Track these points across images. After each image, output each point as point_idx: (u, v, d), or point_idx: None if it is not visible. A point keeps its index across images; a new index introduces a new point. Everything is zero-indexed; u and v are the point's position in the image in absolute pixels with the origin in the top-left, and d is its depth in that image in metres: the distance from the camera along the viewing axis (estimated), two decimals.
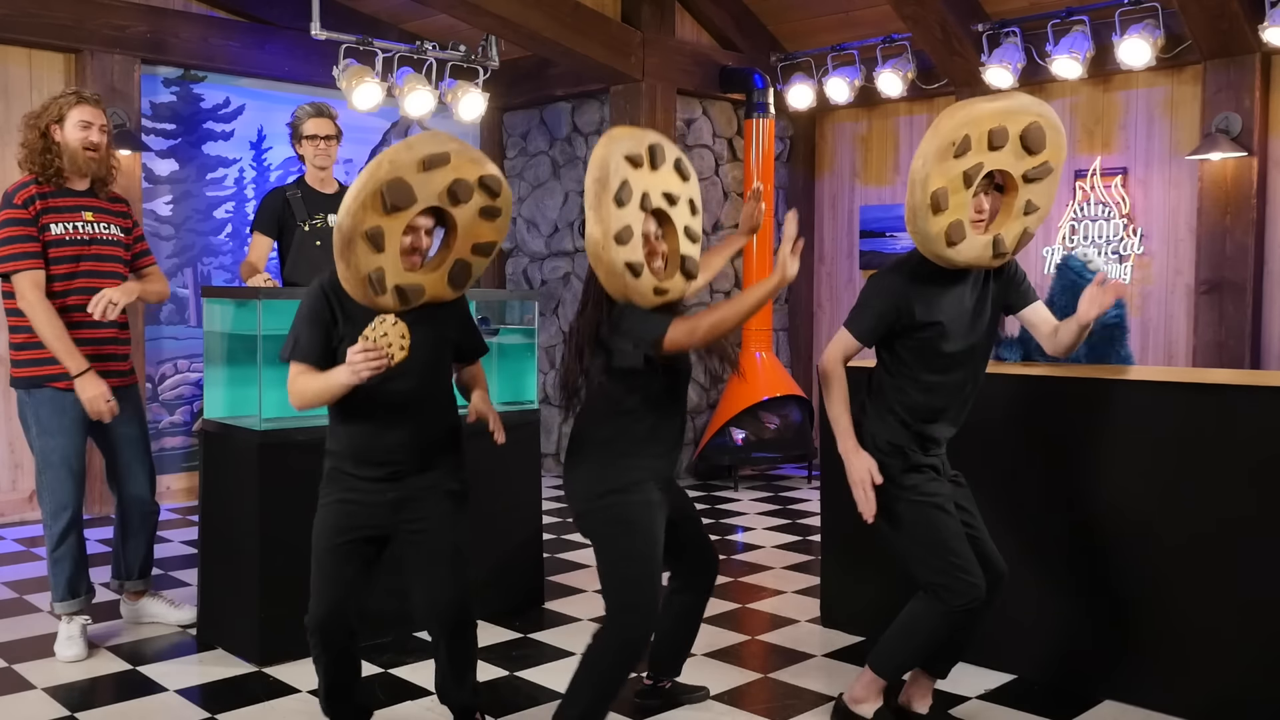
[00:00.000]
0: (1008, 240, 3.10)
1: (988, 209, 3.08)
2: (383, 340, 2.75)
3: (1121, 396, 3.54)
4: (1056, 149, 3.08)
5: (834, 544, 4.36)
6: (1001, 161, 3.04)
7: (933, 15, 6.69)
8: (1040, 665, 3.73)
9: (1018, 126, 3.02)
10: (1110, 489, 3.56)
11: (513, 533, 4.55)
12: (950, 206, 3.01)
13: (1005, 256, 3.12)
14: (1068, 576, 3.66)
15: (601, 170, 2.89)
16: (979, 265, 3.10)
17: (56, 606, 4.03)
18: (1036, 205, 3.12)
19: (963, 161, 3.00)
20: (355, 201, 2.75)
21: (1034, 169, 3.07)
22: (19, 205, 3.83)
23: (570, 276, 7.91)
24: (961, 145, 2.98)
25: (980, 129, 2.99)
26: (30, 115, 3.95)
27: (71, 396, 3.89)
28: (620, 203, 2.91)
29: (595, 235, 2.90)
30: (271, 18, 6.98)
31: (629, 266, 2.93)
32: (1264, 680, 3.28)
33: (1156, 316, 6.76)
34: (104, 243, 3.99)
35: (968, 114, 3.01)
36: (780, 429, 7.36)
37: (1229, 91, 6.24)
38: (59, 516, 3.96)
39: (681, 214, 3.10)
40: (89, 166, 3.93)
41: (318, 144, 4.67)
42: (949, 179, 2.99)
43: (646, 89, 7.23)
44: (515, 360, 4.76)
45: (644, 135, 3.03)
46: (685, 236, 3.11)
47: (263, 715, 3.50)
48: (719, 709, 3.54)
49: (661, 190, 3.03)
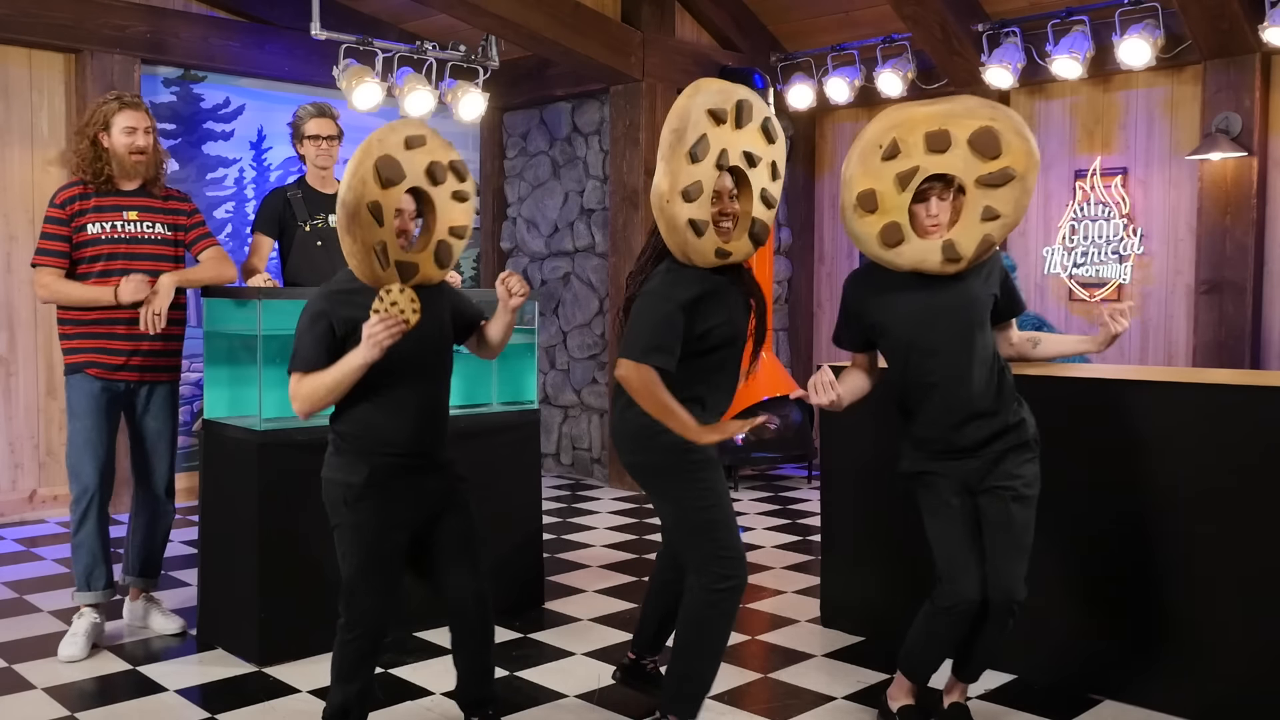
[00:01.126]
0: (963, 246, 3.02)
1: (937, 214, 3.02)
2: (394, 309, 2.85)
3: (1121, 397, 3.54)
4: (1020, 154, 2.97)
5: (834, 544, 4.37)
6: (947, 165, 2.99)
7: (933, 15, 6.69)
8: (1040, 665, 3.72)
9: (964, 130, 2.97)
10: (1109, 489, 3.56)
11: (513, 533, 4.55)
12: (884, 208, 3.01)
13: (960, 262, 3.03)
14: (1067, 576, 3.66)
15: (680, 121, 2.84)
16: (926, 269, 3.05)
17: (75, 596, 4.10)
18: (999, 211, 3.00)
19: (894, 164, 2.99)
20: (355, 176, 2.87)
21: (990, 174, 2.98)
22: (58, 205, 4.01)
23: (570, 276, 7.91)
24: (890, 148, 2.98)
25: (913, 132, 2.98)
26: (79, 125, 4.10)
27: (100, 384, 4.00)
28: (694, 158, 2.86)
29: (662, 187, 2.86)
30: (271, 18, 6.98)
31: (691, 223, 2.88)
32: (1264, 680, 3.28)
33: (1156, 316, 6.76)
34: (144, 241, 4.06)
35: (897, 117, 3.02)
36: (780, 429, 7.36)
37: (1229, 91, 6.24)
38: (80, 499, 4.03)
39: (760, 176, 3.04)
40: (137, 169, 4.05)
41: (319, 144, 4.67)
42: (879, 181, 3.00)
43: (646, 89, 7.23)
44: (515, 360, 4.76)
45: (733, 90, 2.96)
46: (760, 200, 3.05)
47: (263, 715, 3.50)
48: (719, 709, 3.54)
49: (742, 149, 2.97)
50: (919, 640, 3.24)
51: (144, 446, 4.17)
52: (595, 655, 4.04)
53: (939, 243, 3.02)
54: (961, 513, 3.13)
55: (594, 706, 3.57)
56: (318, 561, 3.93)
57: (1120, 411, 3.54)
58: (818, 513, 5.65)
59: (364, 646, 3.04)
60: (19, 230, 6.24)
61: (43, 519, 6.32)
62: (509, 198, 8.34)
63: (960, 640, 3.20)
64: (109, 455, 4.07)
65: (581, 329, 7.86)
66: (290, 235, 4.67)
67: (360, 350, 2.85)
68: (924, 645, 3.24)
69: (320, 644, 3.94)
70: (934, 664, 3.30)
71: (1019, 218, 3.05)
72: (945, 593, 3.11)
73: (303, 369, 2.92)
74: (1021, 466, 3.15)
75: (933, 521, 3.17)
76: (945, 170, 3.00)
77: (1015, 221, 3.06)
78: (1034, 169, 3.00)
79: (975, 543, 3.12)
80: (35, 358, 6.33)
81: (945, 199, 3.03)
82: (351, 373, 2.88)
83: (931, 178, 3.01)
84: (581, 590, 4.89)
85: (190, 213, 4.22)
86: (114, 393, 4.04)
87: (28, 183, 6.28)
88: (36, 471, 6.38)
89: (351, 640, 3.03)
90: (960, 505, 3.13)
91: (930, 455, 3.17)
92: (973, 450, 3.12)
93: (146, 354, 4.05)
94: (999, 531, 3.11)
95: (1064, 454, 3.61)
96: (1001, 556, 3.10)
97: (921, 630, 3.22)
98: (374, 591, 3.02)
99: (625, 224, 7.34)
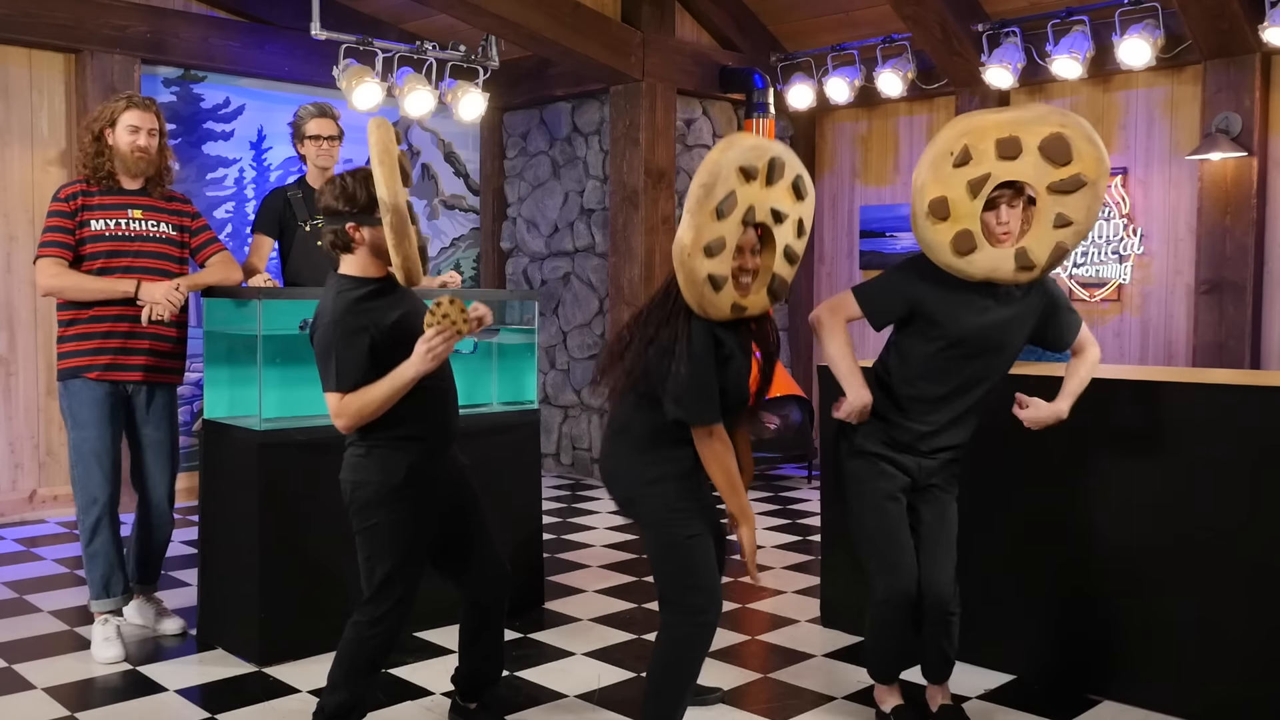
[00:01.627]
0: (1036, 254, 3.01)
1: (1008, 221, 3.01)
2: (445, 321, 2.87)
3: (1121, 397, 3.54)
4: (1091, 161, 2.96)
5: (834, 544, 4.36)
6: (1018, 172, 2.97)
7: (933, 15, 6.69)
8: (1040, 665, 3.73)
9: (1034, 137, 2.95)
10: (1109, 489, 3.56)
11: (513, 533, 4.54)
12: (955, 216, 2.98)
13: (1033, 270, 3.03)
14: (1067, 577, 3.66)
15: (711, 177, 2.81)
16: (999, 278, 3.03)
17: (92, 605, 4.04)
18: (1071, 219, 2.99)
19: (965, 171, 2.96)
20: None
21: (1061, 181, 2.96)
22: (62, 199, 3.98)
23: (570, 276, 7.91)
24: (961, 155, 2.96)
25: (984, 139, 2.96)
26: (86, 120, 4.10)
27: (103, 389, 3.95)
28: (720, 214, 2.83)
29: (684, 241, 2.83)
30: (271, 18, 6.98)
31: (710, 278, 2.85)
32: (1263, 680, 3.28)
33: (1156, 316, 6.76)
34: (150, 240, 4.04)
35: (968, 124, 2.99)
36: (780, 429, 7.36)
37: (1229, 91, 6.24)
38: (89, 510, 3.99)
39: (785, 233, 3.02)
40: (139, 167, 4.02)
41: (320, 144, 4.67)
42: (951, 188, 2.97)
43: (646, 89, 7.24)
44: (515, 360, 4.76)
45: (766, 149, 2.92)
46: (783, 256, 3.03)
47: (262, 715, 3.50)
48: (719, 709, 3.54)
49: (770, 206, 2.95)
50: (870, 638, 3.36)
51: (144, 456, 4.12)
52: (595, 655, 4.04)
53: (1011, 251, 3.01)
54: (901, 509, 3.19)
55: (594, 706, 3.57)
56: (318, 561, 3.94)
57: (1120, 412, 3.53)
58: (818, 513, 5.65)
59: (386, 644, 3.04)
60: (19, 230, 6.24)
61: (43, 519, 6.32)
62: (509, 198, 8.34)
63: (909, 639, 3.26)
64: (116, 462, 4.03)
65: (581, 329, 7.86)
66: (290, 235, 4.67)
67: (414, 362, 2.87)
68: (875, 641, 3.33)
69: (320, 644, 3.95)
70: (893, 660, 3.36)
71: (1091, 224, 3.04)
72: (880, 585, 3.17)
73: (350, 388, 2.90)
74: (956, 467, 3.26)
75: (871, 513, 3.20)
76: (1016, 177, 2.98)
77: (1087, 229, 3.04)
78: (1105, 175, 2.99)
79: (909, 539, 3.19)
80: (35, 358, 6.33)
81: (1016, 207, 3.01)
82: (404, 386, 2.89)
83: (1002, 185, 2.99)
84: (581, 590, 4.89)
85: (194, 216, 4.21)
86: (118, 396, 4.00)
87: (28, 183, 6.28)
88: (36, 471, 6.38)
89: (373, 637, 3.01)
90: (903, 504, 3.20)
91: (891, 444, 3.18)
92: (934, 451, 3.19)
93: (150, 354, 4.02)
94: (934, 530, 3.20)
95: (1063, 454, 3.61)
96: (935, 556, 3.18)
97: (868, 629, 3.33)
98: (408, 586, 3.03)
99: (625, 224, 7.34)
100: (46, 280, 3.92)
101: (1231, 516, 3.33)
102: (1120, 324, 6.84)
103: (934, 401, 3.13)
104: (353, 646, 3.03)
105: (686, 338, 2.91)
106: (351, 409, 2.90)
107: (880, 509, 3.18)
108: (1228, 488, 3.33)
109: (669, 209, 7.40)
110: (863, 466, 3.22)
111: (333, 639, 4.00)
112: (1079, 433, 3.59)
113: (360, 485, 3.00)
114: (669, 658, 3.02)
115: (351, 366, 2.90)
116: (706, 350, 2.93)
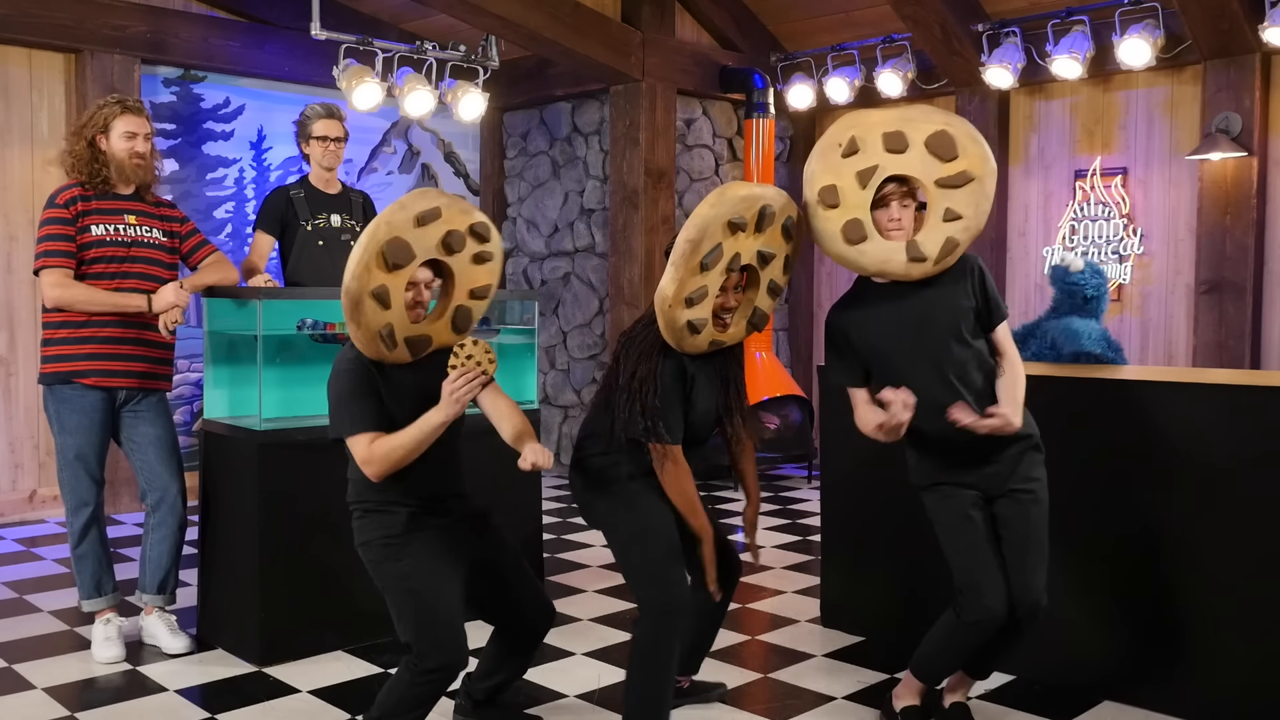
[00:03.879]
0: (926, 246, 3.03)
1: (899, 216, 3.04)
2: (470, 362, 2.86)
3: (1121, 397, 3.54)
4: (976, 158, 3.00)
5: (834, 544, 4.37)
6: (905, 166, 3.02)
7: (933, 15, 6.69)
8: (1040, 665, 3.72)
9: (920, 134, 3.01)
10: (1109, 489, 3.56)
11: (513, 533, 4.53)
12: (845, 205, 3.03)
13: (925, 262, 3.03)
14: (1067, 577, 3.65)
15: (698, 233, 2.88)
16: (891, 271, 3.06)
17: (84, 605, 4.03)
18: (959, 213, 3.01)
19: (854, 161, 3.02)
20: (359, 265, 2.82)
21: (949, 176, 3.01)
22: (61, 205, 3.90)
23: (570, 276, 7.91)
24: (849, 145, 3.02)
25: (870, 133, 3.02)
26: (76, 125, 4.02)
27: (94, 395, 3.92)
28: (705, 267, 2.91)
29: (666, 292, 2.91)
30: (271, 18, 6.98)
31: (690, 324, 2.95)
32: (1264, 680, 3.28)
33: (1156, 316, 6.76)
34: (145, 245, 4.01)
35: (855, 119, 3.07)
36: (780, 429, 7.36)
37: (1229, 91, 6.24)
38: (79, 513, 3.97)
39: (772, 270, 3.11)
40: (135, 174, 3.98)
41: (326, 145, 4.66)
42: (840, 177, 3.03)
43: (646, 89, 7.24)
44: (515, 360, 4.76)
45: (757, 199, 2.97)
46: (766, 290, 3.12)
47: (262, 715, 3.50)
48: (719, 709, 3.54)
49: (757, 250, 3.02)
50: (937, 647, 3.22)
51: (149, 455, 4.04)
52: (595, 655, 4.04)
53: (902, 244, 3.04)
54: (982, 525, 3.12)
55: (594, 706, 3.57)
56: (318, 561, 3.94)
57: (1120, 412, 3.54)
58: (818, 513, 5.65)
59: (437, 691, 2.94)
60: (19, 230, 6.24)
61: (43, 519, 6.32)
62: (509, 198, 8.34)
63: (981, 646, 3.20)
64: (102, 466, 4.01)
65: (581, 329, 7.86)
66: (292, 234, 4.67)
67: (442, 408, 2.86)
68: (942, 652, 3.23)
69: (320, 644, 3.96)
70: (950, 670, 3.30)
71: (981, 222, 3.05)
72: (971, 608, 3.07)
73: (373, 426, 2.90)
74: (1036, 469, 3.15)
75: (951, 535, 3.13)
76: (904, 170, 3.02)
77: (977, 225, 3.04)
78: (990, 175, 3.02)
79: (996, 554, 3.10)
80: (35, 358, 6.26)
81: (908, 206, 3.05)
82: (432, 432, 2.88)
83: (891, 180, 3.03)
84: (581, 590, 4.90)
85: (182, 220, 4.18)
86: (109, 402, 3.96)
87: (28, 183, 6.28)
88: (36, 471, 6.38)
89: (425, 684, 2.90)
90: (980, 518, 3.12)
91: (943, 465, 3.14)
92: (990, 455, 3.10)
93: (148, 360, 3.99)
94: (1020, 538, 3.10)
95: (1063, 454, 3.61)
96: (1024, 566, 3.09)
97: (942, 639, 3.20)
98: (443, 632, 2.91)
99: (625, 224, 7.34)
100: (54, 293, 3.87)
101: (1231, 516, 3.33)
102: (1120, 324, 6.84)
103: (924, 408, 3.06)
104: (403, 687, 2.93)
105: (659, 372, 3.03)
106: (379, 454, 2.89)
107: (955, 528, 3.13)
108: (1228, 488, 3.33)
109: (669, 209, 7.40)
110: (929, 498, 3.21)
111: (333, 639, 4.02)
112: (1078, 433, 3.59)
113: (366, 547, 3.03)
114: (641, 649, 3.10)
115: (367, 405, 2.91)
116: (675, 380, 3.05)
